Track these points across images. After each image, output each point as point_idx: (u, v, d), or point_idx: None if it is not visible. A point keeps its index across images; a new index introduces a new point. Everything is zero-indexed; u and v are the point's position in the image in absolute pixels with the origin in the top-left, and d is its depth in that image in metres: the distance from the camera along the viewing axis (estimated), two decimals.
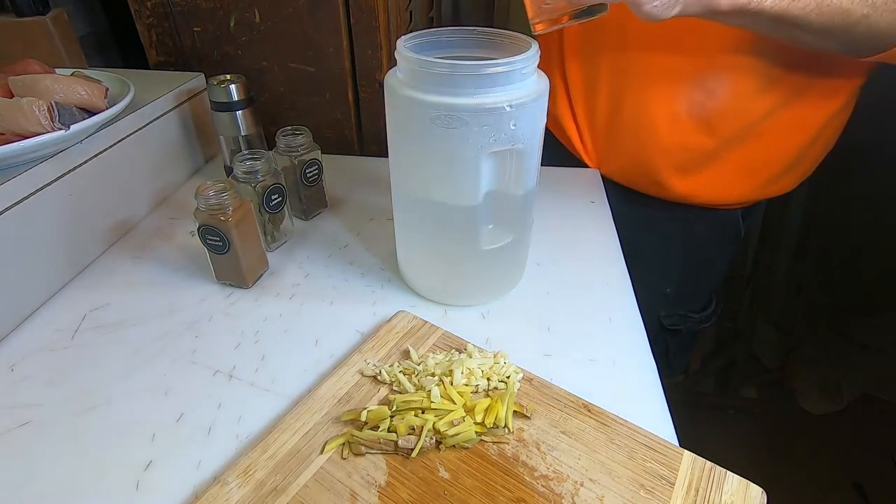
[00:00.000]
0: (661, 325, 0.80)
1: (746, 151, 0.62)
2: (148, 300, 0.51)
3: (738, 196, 0.69)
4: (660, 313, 0.79)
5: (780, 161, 0.65)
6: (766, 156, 0.64)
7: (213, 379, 0.43)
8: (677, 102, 0.61)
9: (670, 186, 0.66)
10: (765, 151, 0.63)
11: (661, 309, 0.79)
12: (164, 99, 0.65)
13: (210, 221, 0.47)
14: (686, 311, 0.81)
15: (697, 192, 0.67)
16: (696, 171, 0.65)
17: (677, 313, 0.80)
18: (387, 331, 0.45)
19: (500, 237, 0.46)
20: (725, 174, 0.65)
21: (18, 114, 0.47)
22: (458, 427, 0.36)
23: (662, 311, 0.79)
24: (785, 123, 0.60)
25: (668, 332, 0.81)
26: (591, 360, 0.45)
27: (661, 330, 0.81)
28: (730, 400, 1.41)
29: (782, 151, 0.64)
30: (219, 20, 0.71)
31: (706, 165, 0.64)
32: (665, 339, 0.83)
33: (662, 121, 0.62)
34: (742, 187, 0.67)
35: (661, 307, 0.79)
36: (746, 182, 0.66)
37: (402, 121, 0.41)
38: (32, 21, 0.72)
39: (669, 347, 0.84)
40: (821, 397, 1.30)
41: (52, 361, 0.44)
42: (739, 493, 0.33)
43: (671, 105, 0.61)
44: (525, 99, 0.38)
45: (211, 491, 0.33)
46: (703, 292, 0.83)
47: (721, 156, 0.63)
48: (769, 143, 0.62)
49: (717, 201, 0.69)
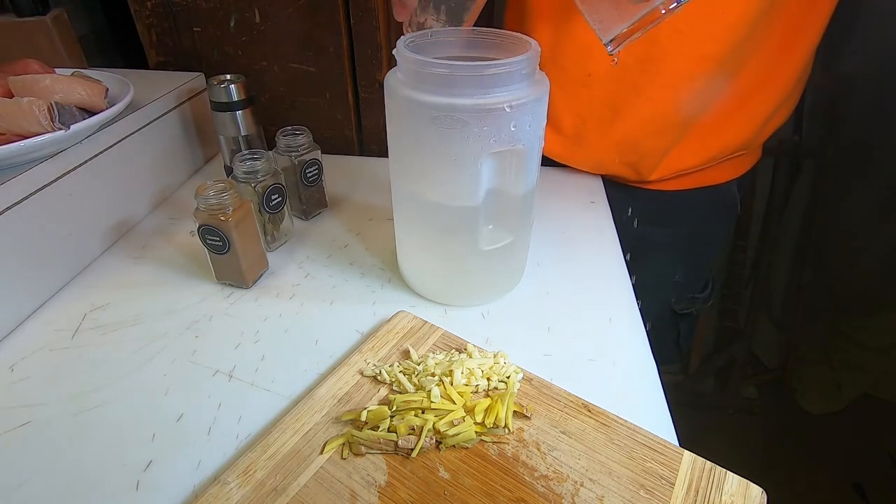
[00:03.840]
0: (673, 311, 0.81)
1: (742, 86, 0.61)
2: (148, 300, 0.51)
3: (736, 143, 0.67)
4: (671, 301, 0.80)
5: (777, 91, 0.64)
6: (763, 88, 0.62)
7: (213, 379, 0.43)
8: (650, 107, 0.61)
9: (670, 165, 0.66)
10: (762, 81, 0.62)
11: (672, 296, 0.80)
12: (164, 99, 0.65)
13: (210, 221, 0.47)
14: (693, 293, 0.82)
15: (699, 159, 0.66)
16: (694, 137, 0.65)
17: (686, 297, 0.81)
18: (387, 331, 0.45)
19: (500, 237, 0.46)
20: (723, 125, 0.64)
21: (18, 114, 0.47)
22: (458, 427, 0.36)
23: (674, 297, 0.80)
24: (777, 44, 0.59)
25: (679, 317, 0.82)
26: (591, 360, 0.45)
27: (673, 317, 0.82)
28: (730, 400, 1.41)
29: (777, 82, 0.63)
30: (219, 20, 0.71)
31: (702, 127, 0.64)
32: (677, 325, 0.84)
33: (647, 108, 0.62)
34: (739, 133, 0.66)
35: (672, 294, 0.80)
36: (744, 127, 0.65)
37: (402, 121, 0.41)
38: (32, 21, 0.72)
39: (680, 333, 0.85)
40: (821, 397, 1.30)
41: (52, 361, 0.44)
42: (739, 493, 0.33)
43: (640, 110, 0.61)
44: (525, 99, 0.38)
45: (211, 491, 0.33)
46: (704, 272, 0.84)
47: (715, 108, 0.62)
48: (765, 69, 0.61)
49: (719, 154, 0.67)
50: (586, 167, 0.71)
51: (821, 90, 1.04)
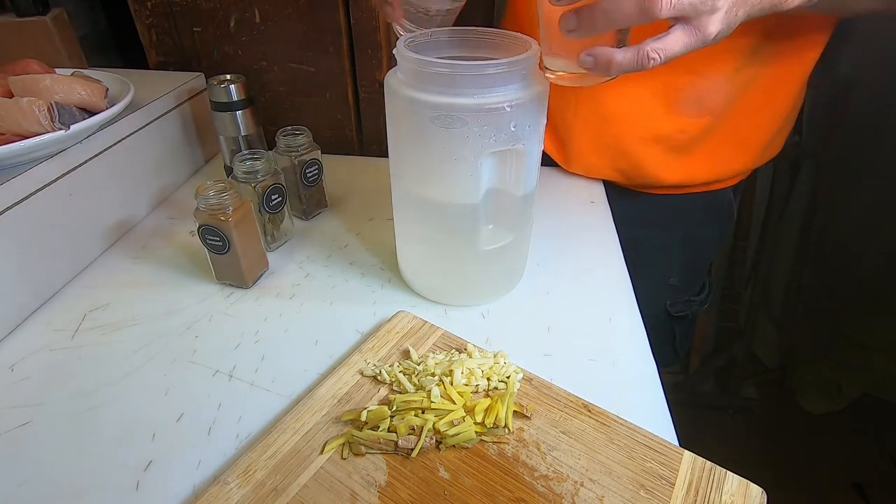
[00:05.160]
0: (668, 314, 0.81)
1: (734, 124, 0.62)
2: (148, 300, 0.51)
3: (731, 172, 0.68)
4: (666, 303, 0.80)
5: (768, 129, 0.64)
6: (755, 123, 0.63)
7: (213, 379, 0.43)
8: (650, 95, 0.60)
9: (665, 179, 0.66)
10: (753, 119, 0.62)
11: (667, 299, 0.80)
12: (164, 99, 0.65)
13: (210, 221, 0.47)
14: (689, 296, 0.82)
15: (693, 178, 0.67)
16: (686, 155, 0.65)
17: (681, 300, 0.81)
18: (387, 331, 0.45)
19: (500, 237, 0.46)
20: (718, 152, 0.64)
21: (18, 114, 0.47)
22: (458, 427, 0.36)
23: (669, 300, 0.80)
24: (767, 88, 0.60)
25: (675, 319, 0.82)
26: (591, 360, 0.45)
27: (668, 319, 0.82)
28: (730, 400, 1.41)
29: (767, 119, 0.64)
30: (219, 20, 0.71)
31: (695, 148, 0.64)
32: (672, 328, 0.84)
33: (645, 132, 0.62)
34: (735, 162, 0.67)
35: (667, 297, 0.80)
36: (739, 156, 0.66)
37: (402, 121, 0.41)
38: (32, 21, 0.72)
39: (676, 335, 0.85)
40: (821, 397, 1.30)
41: (52, 361, 0.44)
42: (739, 493, 0.33)
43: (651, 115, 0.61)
44: (525, 99, 0.38)
45: (211, 491, 0.33)
46: (701, 275, 0.84)
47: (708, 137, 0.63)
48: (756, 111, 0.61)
49: (712, 179, 0.68)
50: (579, 171, 0.71)
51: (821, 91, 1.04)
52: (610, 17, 0.33)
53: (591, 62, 0.36)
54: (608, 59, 0.35)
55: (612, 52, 0.35)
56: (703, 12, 0.33)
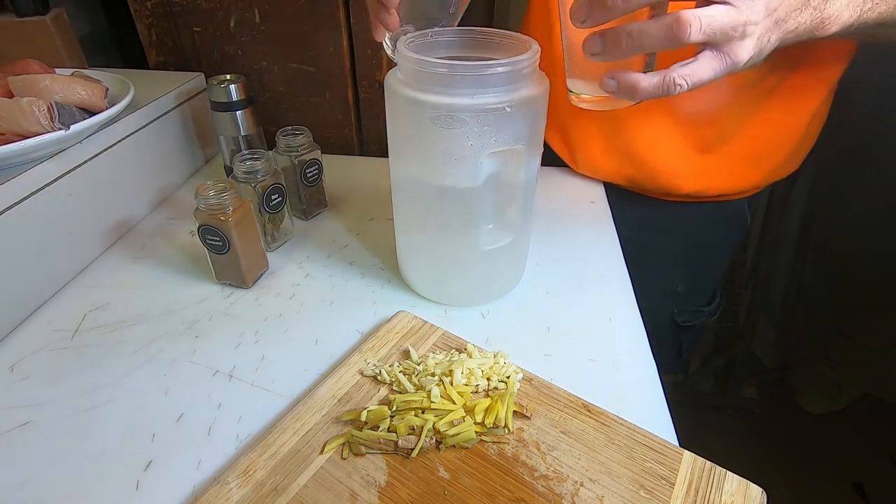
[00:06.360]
0: (674, 322, 0.79)
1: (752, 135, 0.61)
2: (148, 300, 0.51)
3: (746, 185, 0.67)
4: (673, 311, 0.78)
5: (787, 143, 0.63)
6: (771, 139, 0.62)
7: (213, 379, 0.43)
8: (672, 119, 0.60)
9: (678, 188, 0.65)
10: (770, 135, 0.61)
11: (673, 307, 0.78)
12: (164, 99, 0.65)
13: (210, 221, 0.47)
14: (697, 306, 0.80)
15: (707, 189, 0.66)
16: (704, 169, 0.64)
17: (689, 310, 0.79)
18: (387, 331, 0.45)
19: (500, 237, 0.46)
20: (733, 167, 0.63)
21: (18, 114, 0.47)
22: (458, 427, 0.36)
23: (675, 308, 0.78)
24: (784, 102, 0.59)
25: (682, 329, 0.80)
26: (591, 360, 0.45)
27: (675, 328, 0.80)
28: (730, 400, 1.41)
29: (787, 132, 0.62)
30: (219, 20, 0.71)
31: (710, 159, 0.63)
32: (679, 336, 0.82)
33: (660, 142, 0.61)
34: (749, 176, 0.66)
35: (673, 305, 0.78)
36: (756, 170, 0.65)
37: (402, 121, 0.41)
38: (32, 21, 0.72)
39: (683, 344, 0.84)
40: (821, 397, 1.30)
41: (52, 361, 0.44)
42: (739, 493, 0.33)
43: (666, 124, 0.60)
44: (525, 99, 0.38)
45: (211, 491, 0.33)
46: (711, 285, 0.82)
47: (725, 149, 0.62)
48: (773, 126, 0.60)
49: (727, 191, 0.67)
50: (587, 172, 0.71)
51: None
52: (636, 42, 0.32)
53: (614, 86, 0.34)
54: (633, 84, 0.34)
55: (638, 77, 0.34)
56: (733, 38, 0.32)
